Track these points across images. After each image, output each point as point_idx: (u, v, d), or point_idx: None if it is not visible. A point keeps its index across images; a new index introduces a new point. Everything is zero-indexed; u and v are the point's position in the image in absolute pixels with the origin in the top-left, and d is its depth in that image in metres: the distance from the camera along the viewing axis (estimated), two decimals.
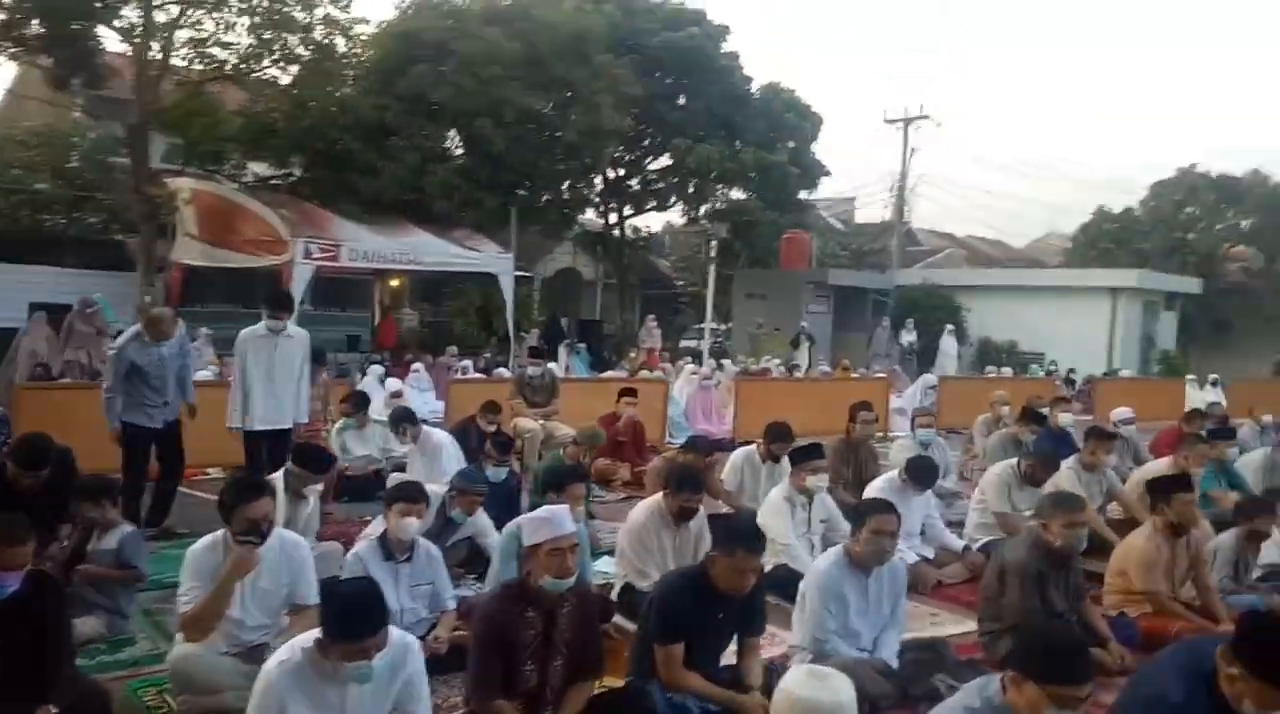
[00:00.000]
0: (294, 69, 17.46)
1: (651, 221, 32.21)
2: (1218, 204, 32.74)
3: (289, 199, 18.38)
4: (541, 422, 9.64)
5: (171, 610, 5.59)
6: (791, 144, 24.62)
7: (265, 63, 16.42)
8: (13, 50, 15.60)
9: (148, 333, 7.06)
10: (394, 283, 21.56)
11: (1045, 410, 9.40)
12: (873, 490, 6.40)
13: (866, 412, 7.97)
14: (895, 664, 4.21)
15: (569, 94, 20.22)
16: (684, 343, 32.05)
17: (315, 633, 3.23)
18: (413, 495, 4.93)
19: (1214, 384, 19.63)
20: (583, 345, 21.14)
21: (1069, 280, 28.28)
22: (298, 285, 15.87)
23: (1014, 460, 6.74)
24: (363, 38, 17.78)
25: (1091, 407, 15.75)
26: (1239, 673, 2.51)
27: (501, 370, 14.21)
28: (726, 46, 24.65)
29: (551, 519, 3.71)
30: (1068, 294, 27.27)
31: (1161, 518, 4.96)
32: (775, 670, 3.99)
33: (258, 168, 20.28)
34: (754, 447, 7.55)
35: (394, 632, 3.29)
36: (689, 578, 3.96)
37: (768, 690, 3.81)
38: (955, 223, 62.97)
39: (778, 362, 21.19)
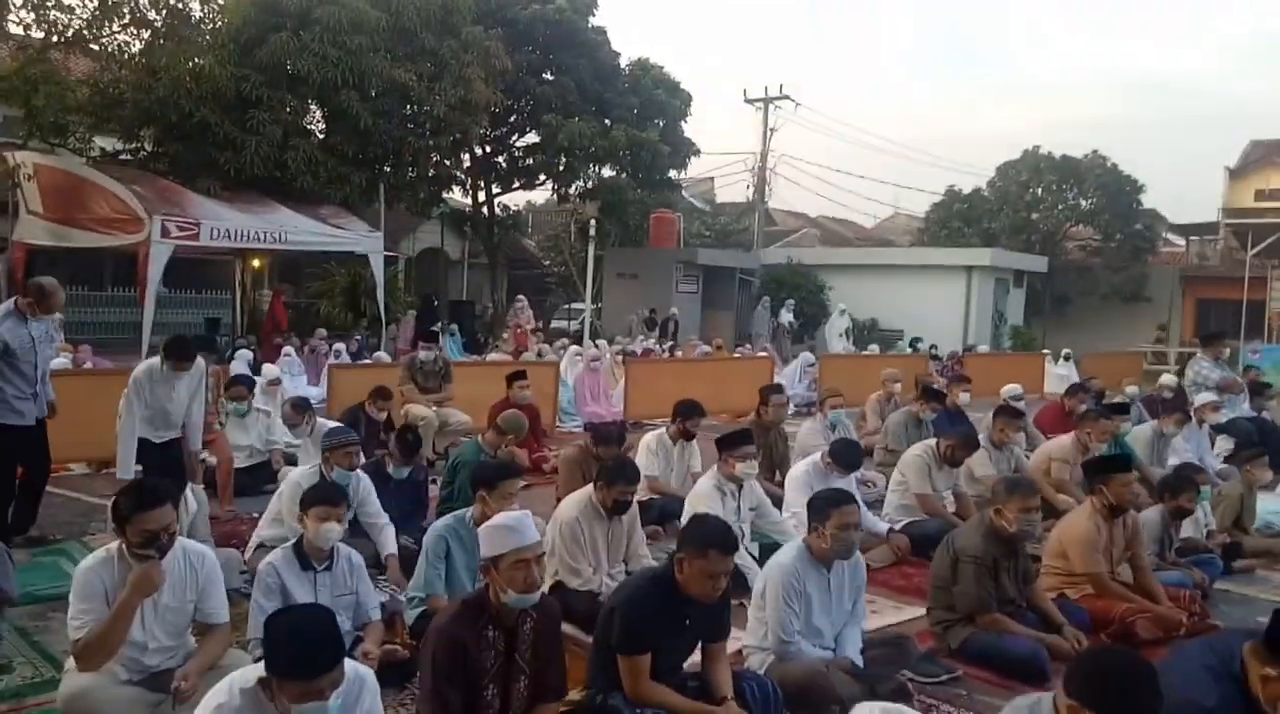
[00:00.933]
0: (145, 34, 16.21)
1: (517, 200, 31.60)
2: (1059, 185, 34.40)
3: (142, 175, 17.17)
4: (435, 408, 9.27)
5: (51, 628, 5.11)
6: (660, 122, 24.49)
7: (115, 27, 15.11)
8: None
9: (38, 307, 6.23)
10: (255, 263, 20.48)
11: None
12: (797, 476, 6.36)
13: (778, 395, 7.96)
14: (860, 662, 4.11)
15: (437, 67, 19.54)
16: (555, 323, 31.88)
17: (256, 669, 2.85)
18: (332, 497, 4.57)
19: (1066, 358, 20.64)
20: (454, 327, 20.61)
21: (926, 259, 29.32)
22: (155, 265, 14.91)
23: (932, 441, 6.80)
24: (219, 2, 16.62)
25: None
26: (1275, 674, 2.46)
27: (380, 354, 13.63)
28: (594, 21, 24.40)
29: (515, 527, 3.43)
30: (925, 273, 28.27)
31: (1099, 499, 5.04)
32: (741, 675, 3.84)
33: (104, 142, 18.92)
34: (662, 429, 7.39)
35: (346, 664, 2.90)
36: (654, 582, 3.71)
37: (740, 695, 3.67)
38: (805, 202, 64.53)
39: (642, 339, 21.30)
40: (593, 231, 17.94)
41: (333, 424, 7.79)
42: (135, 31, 15.36)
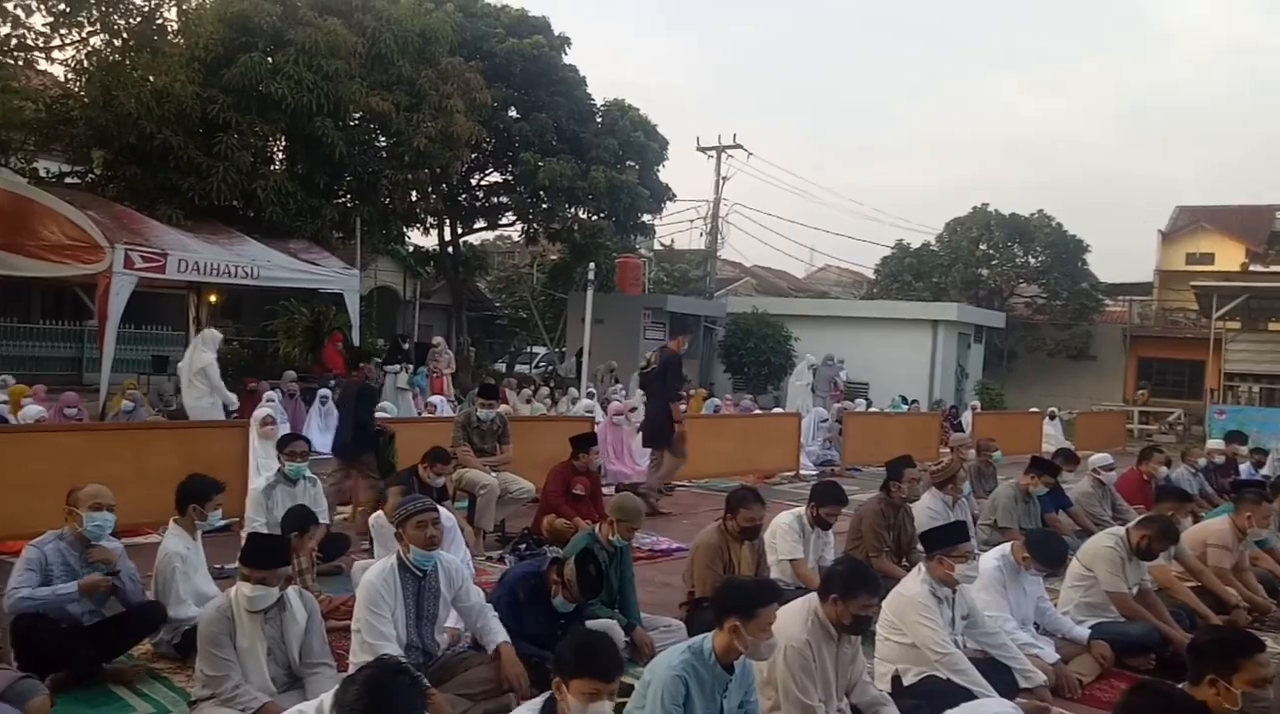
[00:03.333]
0: (96, 44, 14.80)
1: (476, 240, 30.44)
2: (1007, 242, 34.70)
3: (94, 199, 15.66)
4: (494, 473, 8.16)
5: None
6: (637, 164, 23.73)
7: (78, 35, 13.69)
8: None
9: None
10: (213, 298, 18.99)
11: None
12: (988, 572, 5.44)
13: (912, 469, 7.04)
14: None
15: (414, 97, 18.46)
16: (518, 368, 30.72)
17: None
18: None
19: (1051, 417, 20.35)
20: (423, 369, 19.32)
21: (892, 312, 29.01)
22: (116, 298, 13.51)
23: (1121, 531, 5.99)
24: (194, 13, 15.24)
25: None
26: None
27: (386, 404, 12.38)
28: (568, 59, 23.63)
29: None
30: (890, 325, 27.97)
31: None
32: None
33: (46, 163, 17.32)
34: (800, 509, 6.47)
35: None
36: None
37: None
38: (742, 251, 64.67)
39: (617, 389, 20.28)
40: (591, 274, 16.98)
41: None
42: (104, 40, 13.88)
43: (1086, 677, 5.38)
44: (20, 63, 14.39)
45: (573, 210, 23.52)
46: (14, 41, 13.77)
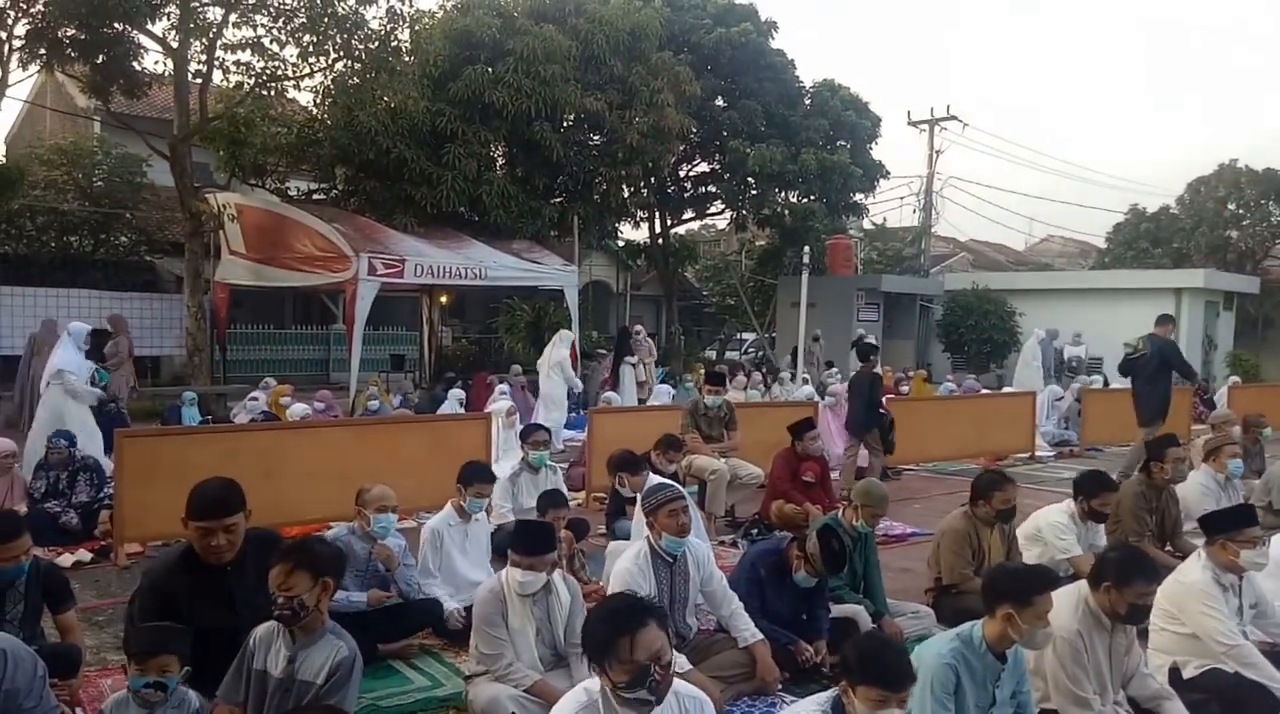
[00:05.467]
0: (340, 69, 15.92)
1: (683, 230, 30.71)
2: (1261, 200, 31.78)
3: (339, 213, 16.98)
4: (724, 460, 8.24)
5: None
6: (849, 144, 23.26)
7: (320, 63, 14.82)
8: (46, 56, 13.98)
9: None
10: (444, 299, 20.07)
11: None
12: (1275, 563, 5.00)
13: (1176, 448, 6.59)
14: None
15: (626, 94, 18.85)
16: (728, 355, 30.84)
17: None
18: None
19: None
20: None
21: (1129, 282, 27.10)
22: (362, 302, 14.56)
23: None
24: (425, 32, 16.14)
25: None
26: None
27: (611, 395, 12.75)
28: (775, 43, 23.41)
29: None
30: (1127, 296, 26.09)
31: None
32: None
33: (296, 182, 18.84)
34: (1067, 503, 6.15)
35: None
36: None
37: None
38: (957, 226, 62.09)
39: (835, 372, 19.92)
40: (807, 259, 16.81)
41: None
42: (346, 65, 14.95)
43: None
44: (273, 93, 15.65)
45: (782, 195, 23.32)
46: (266, 74, 14.96)
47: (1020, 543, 6.10)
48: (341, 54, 14.58)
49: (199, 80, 15.27)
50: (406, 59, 15.85)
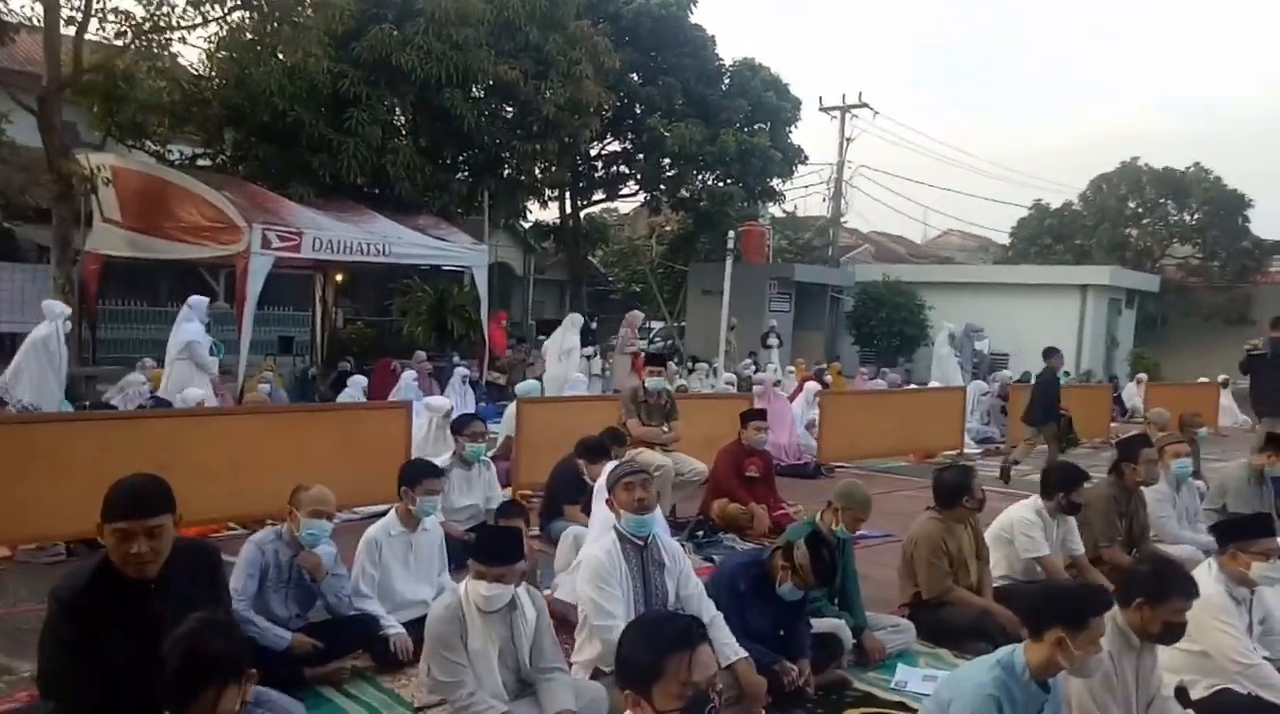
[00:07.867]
0: (236, 19, 14.63)
1: (594, 211, 29.88)
2: (1160, 199, 32.52)
3: (228, 180, 15.61)
4: (664, 453, 7.52)
5: None
6: (765, 125, 22.75)
7: (214, 11, 13.53)
8: None
9: None
10: (339, 277, 18.84)
11: None
12: None
13: (1149, 449, 6.15)
14: None
15: (542, 64, 17.93)
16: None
17: None
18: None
19: (1225, 385, 18.91)
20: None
21: (1037, 277, 27.36)
22: (254, 279, 13.32)
23: None
24: None
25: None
26: None
27: (532, 383, 11.87)
28: (694, 17, 22.71)
29: None
30: (1034, 291, 26.34)
31: None
32: None
33: (177, 145, 17.36)
34: (1035, 497, 5.64)
35: None
36: None
37: None
38: (861, 218, 62.63)
39: (748, 363, 19.45)
40: (732, 244, 16.26)
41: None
42: (241, 16, 13.69)
43: None
44: (157, 45, 14.30)
45: (700, 177, 22.68)
46: (149, 24, 13.65)
47: (989, 545, 5.61)
48: (240, 2, 13.31)
49: (73, 28, 13.81)
50: (309, 12, 14.62)
